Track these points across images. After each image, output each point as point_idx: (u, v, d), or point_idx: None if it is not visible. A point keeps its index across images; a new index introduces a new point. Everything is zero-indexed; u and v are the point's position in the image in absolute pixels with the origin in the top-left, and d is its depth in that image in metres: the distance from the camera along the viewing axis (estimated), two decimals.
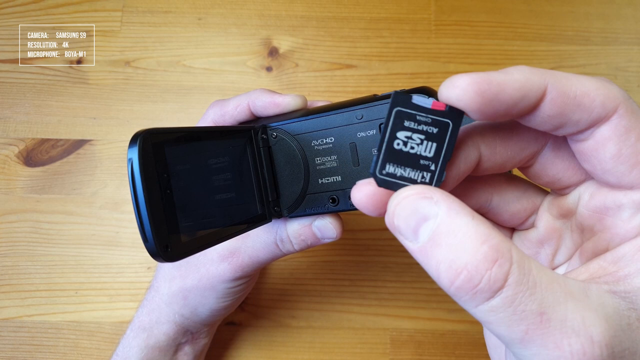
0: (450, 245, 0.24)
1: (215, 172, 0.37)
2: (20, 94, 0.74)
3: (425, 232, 0.25)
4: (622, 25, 0.77)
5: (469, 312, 0.25)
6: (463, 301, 0.24)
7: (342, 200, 0.40)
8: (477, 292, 0.24)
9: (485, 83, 0.25)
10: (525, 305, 0.23)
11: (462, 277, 0.24)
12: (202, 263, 0.51)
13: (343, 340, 0.68)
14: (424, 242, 0.25)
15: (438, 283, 0.25)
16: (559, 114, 0.27)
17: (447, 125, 0.27)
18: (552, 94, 0.26)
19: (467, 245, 0.24)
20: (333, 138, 0.40)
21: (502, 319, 0.24)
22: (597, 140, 0.27)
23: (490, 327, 0.24)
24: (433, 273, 0.25)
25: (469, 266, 0.24)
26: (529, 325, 0.23)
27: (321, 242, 0.45)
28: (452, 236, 0.24)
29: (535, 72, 0.26)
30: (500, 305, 0.23)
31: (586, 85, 0.26)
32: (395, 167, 0.28)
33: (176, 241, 0.30)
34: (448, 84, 0.26)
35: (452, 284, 0.24)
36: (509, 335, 0.24)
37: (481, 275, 0.23)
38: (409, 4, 0.77)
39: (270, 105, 0.45)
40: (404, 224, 0.26)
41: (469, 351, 0.67)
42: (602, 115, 0.27)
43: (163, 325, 0.54)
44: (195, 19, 0.77)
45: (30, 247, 0.70)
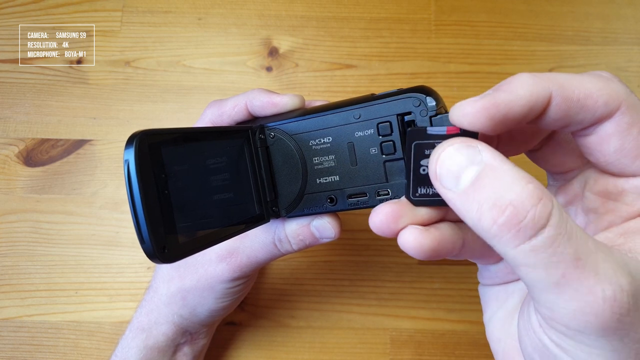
0: (494, 186, 0.25)
1: (213, 173, 0.37)
2: (20, 94, 0.74)
3: (468, 176, 0.26)
4: (622, 25, 0.77)
5: (506, 255, 0.25)
6: (504, 241, 0.25)
7: (340, 199, 0.40)
8: (521, 228, 0.24)
9: (494, 108, 0.27)
10: (564, 248, 0.24)
11: (507, 212, 0.24)
12: (200, 263, 0.51)
13: (343, 340, 0.68)
14: (466, 187, 0.26)
15: (477, 227, 0.26)
16: (564, 117, 0.28)
17: None
18: (557, 100, 0.27)
19: (512, 185, 0.25)
20: (331, 138, 0.40)
21: (541, 260, 0.24)
22: (601, 136, 0.29)
23: (525, 270, 0.25)
24: (473, 216, 0.26)
25: (515, 202, 0.24)
26: (565, 269, 0.24)
27: (319, 241, 0.45)
28: (497, 178, 0.25)
29: (538, 81, 0.27)
30: (541, 245, 0.24)
31: (588, 87, 0.28)
32: (426, 188, 0.31)
33: (173, 242, 0.30)
34: (458, 112, 0.28)
35: (495, 222, 0.25)
36: (545, 279, 0.24)
37: (526, 211, 0.24)
38: (409, 4, 0.77)
39: (267, 105, 0.45)
40: (446, 170, 0.27)
41: (469, 351, 0.67)
42: (605, 113, 0.28)
43: (162, 325, 0.54)
44: (195, 19, 0.77)
45: (30, 247, 0.70)
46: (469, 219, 0.26)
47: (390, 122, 0.37)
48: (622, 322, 0.24)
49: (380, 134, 0.38)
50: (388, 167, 0.38)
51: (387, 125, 0.37)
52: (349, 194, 0.40)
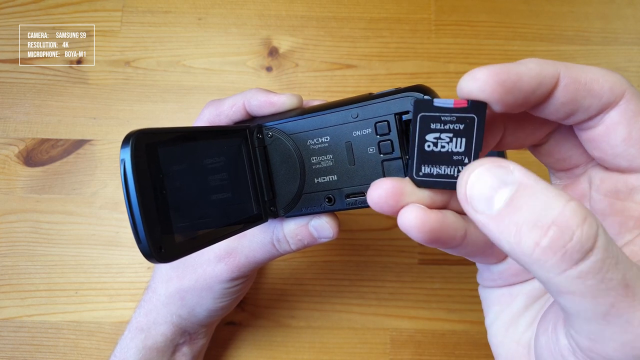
0: (532, 206, 0.23)
1: (211, 172, 0.37)
2: (20, 94, 0.74)
3: (501, 198, 0.24)
4: (622, 25, 0.77)
5: (548, 281, 0.23)
6: (548, 266, 0.23)
7: (338, 199, 0.40)
8: (567, 251, 0.22)
9: (504, 73, 0.26)
10: (613, 274, 0.22)
11: (551, 234, 0.22)
12: (198, 263, 0.51)
13: (343, 340, 0.68)
14: (500, 208, 0.24)
15: (515, 251, 0.24)
16: (571, 100, 0.28)
17: (473, 119, 0.28)
18: (565, 81, 0.27)
19: (552, 203, 0.23)
20: (329, 137, 0.40)
21: (589, 288, 0.22)
22: (607, 125, 0.28)
23: (571, 299, 0.23)
24: (511, 239, 0.23)
25: (558, 221, 0.22)
26: (615, 297, 0.22)
27: (318, 241, 0.45)
28: (534, 197, 0.23)
29: (548, 62, 0.28)
30: (589, 270, 0.22)
31: (594, 73, 0.28)
32: (430, 167, 0.30)
33: (170, 242, 0.30)
34: (468, 77, 0.27)
35: (538, 244, 0.22)
36: (592, 309, 0.23)
37: (572, 232, 0.22)
38: (409, 4, 0.77)
39: (265, 104, 0.45)
40: (478, 193, 0.25)
41: (469, 351, 0.67)
42: (611, 100, 0.28)
43: (160, 326, 0.54)
44: (195, 19, 0.77)
45: (30, 247, 0.70)
46: (506, 243, 0.24)
47: (388, 121, 0.37)
48: None
49: (378, 133, 0.38)
50: (386, 166, 0.38)
51: (384, 124, 0.37)
52: (347, 193, 0.40)
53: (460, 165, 0.29)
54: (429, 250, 0.69)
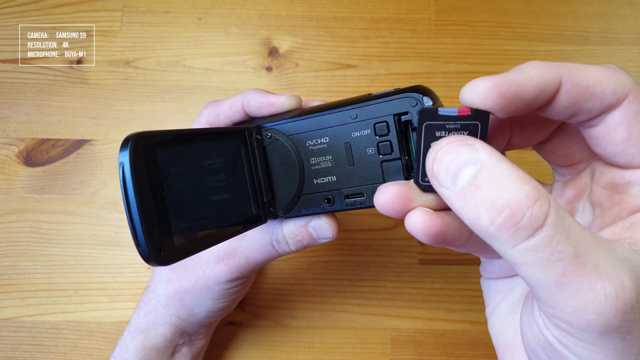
0: (491, 187, 0.25)
1: (210, 174, 0.37)
2: (20, 94, 0.74)
3: (465, 176, 0.26)
4: (622, 25, 0.76)
5: (505, 255, 0.25)
6: (502, 241, 0.25)
7: (337, 200, 0.40)
8: (518, 229, 0.24)
9: (506, 85, 0.27)
10: (563, 247, 0.24)
11: (504, 214, 0.24)
12: (198, 264, 0.51)
13: (343, 340, 0.68)
14: (463, 187, 0.26)
15: (474, 226, 0.26)
16: (574, 104, 0.28)
17: (477, 126, 0.29)
18: (567, 86, 0.28)
19: (509, 186, 0.25)
20: (327, 138, 0.40)
21: (540, 259, 0.24)
22: (609, 125, 0.29)
23: (525, 270, 0.25)
24: (471, 216, 0.26)
25: (512, 203, 0.24)
26: (565, 267, 0.24)
27: (317, 242, 0.45)
28: (494, 179, 0.25)
29: (549, 66, 0.28)
30: (539, 244, 0.24)
31: (598, 75, 0.28)
32: None
33: (169, 244, 0.30)
34: (470, 89, 0.28)
35: (493, 223, 0.25)
36: (545, 278, 0.25)
37: (523, 212, 0.24)
38: (409, 4, 0.77)
39: (264, 105, 0.45)
40: (444, 170, 0.27)
41: (469, 351, 0.67)
42: (613, 101, 0.28)
43: (160, 327, 0.54)
44: (195, 19, 0.77)
45: (30, 247, 0.70)
46: (467, 218, 0.26)
47: (387, 122, 0.37)
48: (624, 319, 0.24)
49: (377, 134, 0.38)
50: (385, 167, 0.38)
51: (383, 125, 0.37)
52: (346, 194, 0.40)
53: None
54: (429, 250, 0.69)
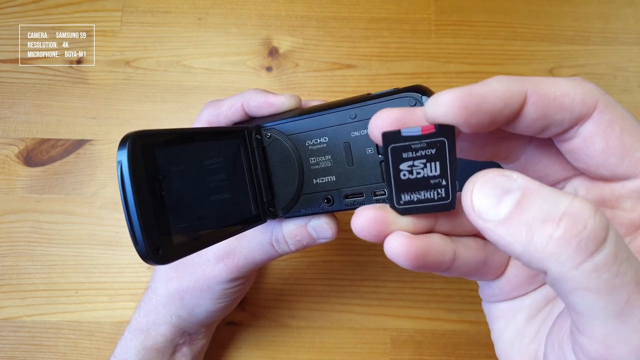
0: (540, 204, 0.23)
1: (209, 173, 0.37)
2: (20, 94, 0.74)
3: (508, 203, 0.24)
4: (622, 25, 0.76)
5: (563, 278, 0.22)
6: (563, 259, 0.22)
7: (336, 200, 0.40)
8: (582, 241, 0.22)
9: (467, 96, 0.26)
10: (626, 268, 0.22)
11: (564, 224, 0.22)
12: (198, 264, 0.51)
13: (343, 340, 0.68)
14: (508, 212, 0.24)
15: (527, 252, 0.23)
16: (542, 116, 0.27)
17: (443, 143, 0.28)
18: (533, 98, 0.27)
19: (560, 199, 0.23)
20: (327, 138, 0.40)
21: (605, 282, 0.22)
22: (584, 137, 0.28)
23: (585, 296, 0.22)
24: (522, 239, 0.23)
25: (570, 212, 0.22)
26: (629, 293, 0.22)
27: (317, 242, 0.45)
28: (541, 198, 0.23)
29: (514, 79, 0.27)
30: (604, 263, 0.22)
31: (563, 86, 0.27)
32: (410, 195, 0.29)
33: (167, 243, 0.30)
34: (432, 103, 0.26)
35: (551, 237, 0.22)
36: (607, 307, 0.22)
37: (585, 221, 0.22)
38: (409, 4, 0.77)
39: (264, 105, 0.45)
40: (484, 201, 0.25)
41: (469, 351, 0.67)
42: (583, 112, 0.27)
43: (160, 326, 0.54)
44: (195, 19, 0.77)
45: (30, 247, 0.70)
46: (517, 244, 0.23)
47: None
48: None
49: None
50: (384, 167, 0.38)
51: None
52: (345, 194, 0.40)
53: (439, 187, 0.29)
54: None
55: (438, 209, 0.29)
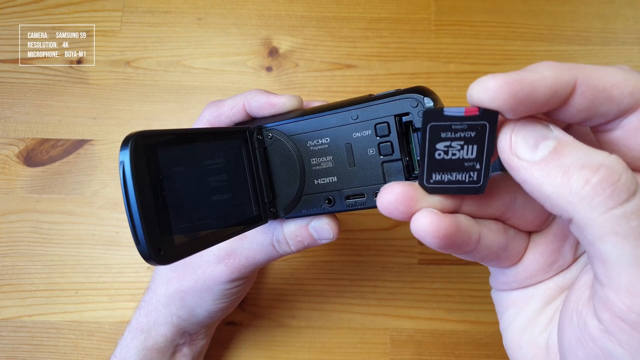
0: (578, 153, 0.25)
1: (211, 174, 0.37)
2: (20, 94, 0.74)
3: (545, 147, 0.25)
4: (622, 25, 0.76)
5: (592, 223, 0.24)
6: (596, 203, 0.23)
7: (338, 200, 0.40)
8: (616, 189, 0.23)
9: (517, 84, 0.25)
10: None
11: (602, 172, 0.23)
12: (198, 264, 0.51)
13: (343, 340, 0.68)
14: (545, 155, 0.25)
15: (559, 193, 0.24)
16: (589, 107, 0.27)
17: (484, 126, 0.28)
18: (582, 88, 0.26)
19: (596, 152, 0.24)
20: (328, 138, 0.40)
21: (633, 229, 0.23)
22: (627, 130, 0.28)
23: (614, 241, 0.23)
24: (558, 181, 0.24)
25: (606, 163, 0.24)
26: None
27: (318, 243, 0.45)
28: (578, 148, 0.25)
29: (564, 67, 0.26)
30: (634, 211, 0.23)
31: (614, 77, 0.26)
32: (441, 175, 0.29)
33: (169, 243, 0.30)
34: (479, 87, 0.26)
35: (588, 182, 0.23)
36: (634, 253, 0.23)
37: (620, 173, 0.23)
38: (409, 4, 0.77)
39: (265, 105, 0.45)
40: (522, 142, 0.26)
41: (469, 351, 0.67)
42: (631, 105, 0.27)
43: (161, 326, 0.54)
44: (195, 19, 0.77)
45: (30, 247, 0.70)
46: (549, 185, 0.25)
47: (388, 122, 0.37)
48: None
49: (378, 135, 0.38)
50: (386, 167, 0.38)
51: (384, 126, 0.37)
52: (346, 194, 0.40)
53: (472, 171, 0.29)
54: (429, 250, 0.69)
55: (467, 191, 0.29)
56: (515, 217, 0.34)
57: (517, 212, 0.34)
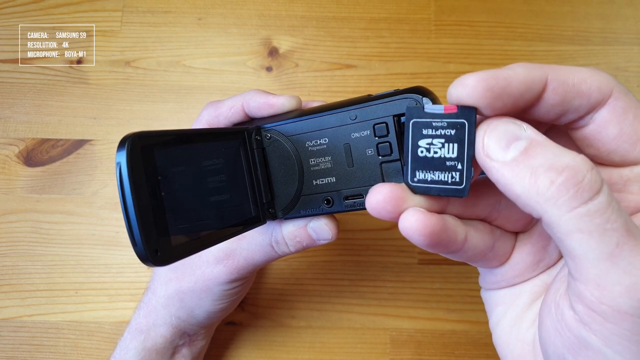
0: (546, 154, 0.26)
1: (209, 174, 0.37)
2: (20, 94, 0.74)
3: (516, 147, 0.26)
4: (622, 25, 0.76)
5: (559, 221, 0.25)
6: (561, 202, 0.24)
7: (336, 201, 0.40)
8: (579, 189, 0.24)
9: (493, 79, 0.27)
10: (616, 217, 0.24)
11: (566, 173, 0.24)
12: (197, 265, 0.51)
13: (343, 340, 0.68)
14: (515, 156, 0.26)
15: (527, 194, 0.25)
16: (561, 102, 0.28)
17: (463, 124, 0.29)
18: (554, 84, 0.28)
19: (564, 153, 0.25)
20: (327, 139, 0.40)
21: (597, 226, 0.24)
22: (599, 124, 0.29)
23: (579, 238, 0.24)
24: (526, 181, 0.25)
25: (571, 165, 0.25)
26: (619, 237, 0.24)
27: (317, 243, 0.45)
28: (547, 148, 0.26)
29: (536, 66, 0.28)
30: (597, 209, 0.24)
31: (582, 74, 0.28)
32: (425, 173, 0.30)
33: (166, 245, 0.30)
34: (457, 84, 0.28)
35: (553, 183, 0.24)
36: (599, 248, 0.24)
37: (584, 174, 0.24)
38: (409, 4, 0.77)
39: (264, 106, 0.45)
40: (494, 143, 0.27)
41: (469, 351, 0.67)
42: (599, 99, 0.28)
43: (160, 327, 0.54)
44: (195, 19, 0.77)
45: (30, 247, 0.70)
46: (520, 186, 0.26)
47: (387, 123, 0.37)
48: None
49: (377, 135, 0.38)
50: (384, 168, 0.38)
51: (383, 126, 0.37)
52: (345, 195, 0.40)
53: (454, 171, 0.29)
54: None
55: (450, 193, 0.29)
56: (501, 218, 0.35)
57: (502, 213, 0.35)
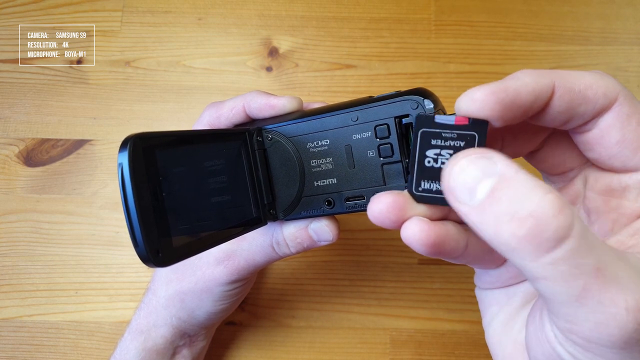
0: (511, 198, 0.24)
1: (210, 175, 0.37)
2: (20, 94, 0.74)
3: (483, 189, 0.25)
4: (622, 25, 0.76)
5: (524, 268, 0.24)
6: (524, 254, 0.24)
7: (337, 202, 0.40)
8: (543, 241, 0.23)
9: (502, 92, 0.27)
10: (585, 259, 0.23)
11: (528, 225, 0.23)
12: (198, 266, 0.51)
13: (343, 340, 0.68)
14: (481, 200, 0.25)
15: (494, 241, 0.25)
16: (568, 109, 0.28)
17: (474, 137, 0.28)
18: (560, 91, 0.28)
19: (530, 195, 0.24)
20: (328, 140, 0.40)
21: (562, 273, 0.23)
22: (602, 129, 0.29)
23: (544, 284, 0.24)
24: (490, 231, 0.24)
25: (535, 213, 0.23)
26: (586, 280, 0.23)
27: (318, 244, 0.45)
28: (514, 189, 0.24)
29: (542, 73, 0.28)
30: (562, 257, 0.23)
31: (588, 79, 0.28)
32: (430, 183, 0.30)
33: (167, 245, 0.30)
34: (466, 98, 0.27)
35: (514, 235, 0.23)
36: (565, 292, 0.24)
37: (548, 222, 0.23)
38: (409, 4, 0.77)
39: (265, 107, 0.45)
40: (461, 184, 0.26)
41: (469, 351, 0.67)
42: (605, 105, 0.28)
43: (160, 328, 0.54)
44: (195, 19, 0.77)
45: (30, 247, 0.70)
46: (486, 233, 0.25)
47: (388, 124, 0.37)
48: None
49: (378, 137, 0.38)
50: (386, 169, 0.38)
51: (384, 127, 0.37)
52: (346, 196, 0.40)
53: None
54: None
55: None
56: None
57: None
